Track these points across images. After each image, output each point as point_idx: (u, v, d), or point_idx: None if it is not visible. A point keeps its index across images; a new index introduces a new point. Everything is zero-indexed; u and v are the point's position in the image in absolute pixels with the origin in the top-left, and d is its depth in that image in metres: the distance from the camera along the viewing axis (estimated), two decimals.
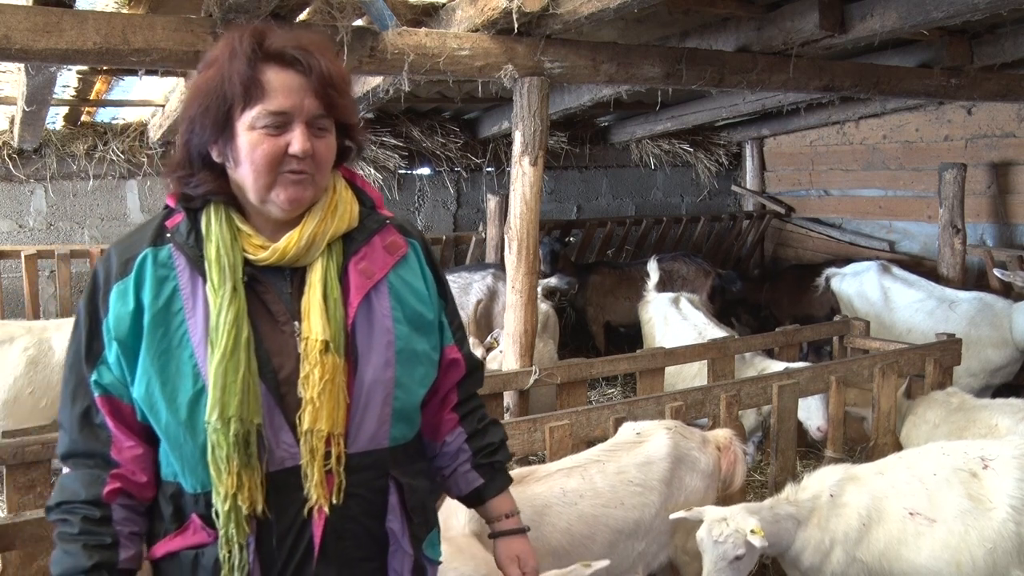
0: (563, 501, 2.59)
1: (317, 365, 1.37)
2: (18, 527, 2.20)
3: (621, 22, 4.48)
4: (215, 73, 1.38)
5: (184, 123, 1.42)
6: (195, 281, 1.38)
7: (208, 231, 1.41)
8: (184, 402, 1.35)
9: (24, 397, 4.18)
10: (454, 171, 7.51)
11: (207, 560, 1.37)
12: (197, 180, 1.42)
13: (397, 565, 1.48)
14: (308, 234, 1.41)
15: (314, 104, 1.38)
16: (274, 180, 1.38)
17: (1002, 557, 2.52)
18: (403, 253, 1.53)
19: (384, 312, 1.46)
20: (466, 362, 1.66)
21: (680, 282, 6.53)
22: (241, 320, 1.35)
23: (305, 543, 1.39)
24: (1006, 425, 3.51)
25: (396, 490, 1.48)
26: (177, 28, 3.12)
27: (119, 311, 1.37)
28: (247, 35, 1.38)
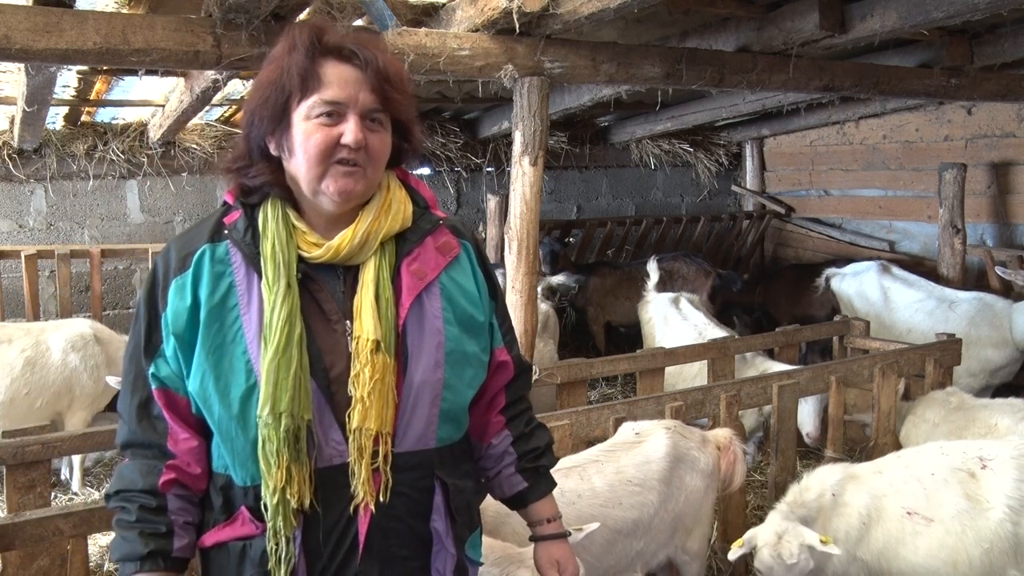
0: (561, 501, 2.57)
1: (368, 364, 1.38)
2: (18, 527, 2.20)
3: (621, 22, 4.47)
4: (275, 67, 1.41)
5: (245, 116, 1.46)
6: (251, 277, 1.41)
7: (265, 228, 1.43)
8: (237, 397, 1.37)
9: (20, 398, 4.19)
10: (454, 171, 7.51)
11: (254, 552, 1.40)
12: (255, 171, 1.45)
13: (440, 565, 1.49)
14: (362, 232, 1.43)
15: (369, 98, 1.41)
16: (325, 170, 1.39)
17: (999, 557, 2.53)
18: (455, 254, 1.55)
19: (435, 313, 1.47)
20: (515, 365, 1.66)
21: (680, 282, 6.53)
22: (294, 317, 1.37)
23: (350, 540, 1.40)
24: (1005, 425, 3.51)
25: (441, 490, 1.49)
26: (177, 28, 3.12)
27: (177, 306, 1.40)
28: (306, 30, 1.42)
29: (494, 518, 2.44)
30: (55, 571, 2.34)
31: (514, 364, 1.66)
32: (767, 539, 2.54)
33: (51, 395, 4.28)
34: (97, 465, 4.91)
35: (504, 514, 2.46)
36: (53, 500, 3.93)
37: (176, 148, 6.21)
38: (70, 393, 4.34)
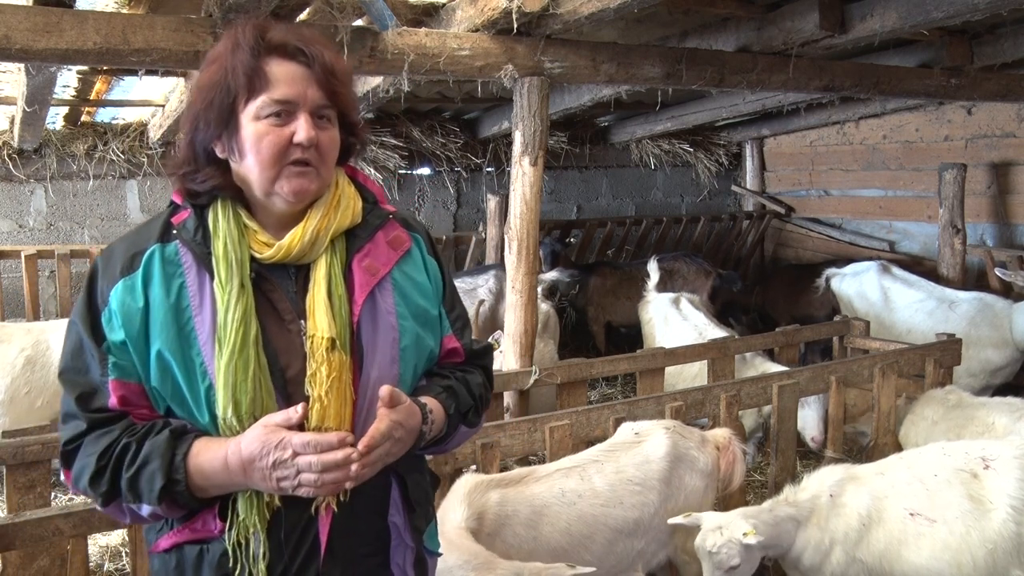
0: (562, 501, 2.59)
1: (324, 363, 1.37)
2: (18, 527, 2.20)
3: (621, 22, 4.48)
4: (218, 68, 1.38)
5: (188, 120, 1.42)
6: (202, 278, 1.39)
7: (215, 227, 1.41)
8: (197, 398, 1.36)
9: (21, 397, 4.19)
10: (454, 171, 7.51)
11: (212, 555, 1.38)
12: (203, 176, 1.42)
13: (399, 559, 1.49)
14: (312, 230, 1.41)
15: (318, 94, 1.39)
16: (279, 172, 1.38)
17: (1002, 557, 2.52)
18: (407, 248, 1.54)
19: (389, 309, 1.46)
20: (465, 351, 1.63)
21: (680, 282, 6.53)
22: (249, 317, 1.36)
23: (311, 540, 1.39)
24: (1003, 424, 3.52)
25: (398, 484, 1.49)
26: (177, 28, 3.12)
27: (129, 306, 1.36)
28: (249, 28, 1.39)
29: (495, 520, 2.44)
30: (55, 571, 2.34)
31: (464, 351, 1.63)
32: (708, 525, 2.57)
33: (51, 394, 4.28)
34: None
35: (505, 516, 2.46)
36: (53, 500, 3.93)
37: (176, 148, 6.20)
38: None
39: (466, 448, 2.89)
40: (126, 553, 3.68)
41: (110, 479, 1.34)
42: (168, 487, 1.31)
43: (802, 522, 2.71)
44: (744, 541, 2.49)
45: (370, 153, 6.66)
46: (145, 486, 1.32)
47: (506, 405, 3.97)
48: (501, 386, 3.80)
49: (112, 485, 1.35)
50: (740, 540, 2.49)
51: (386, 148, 6.72)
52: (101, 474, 1.34)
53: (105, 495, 1.36)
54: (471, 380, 1.60)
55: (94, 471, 1.34)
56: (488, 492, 2.48)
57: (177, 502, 1.35)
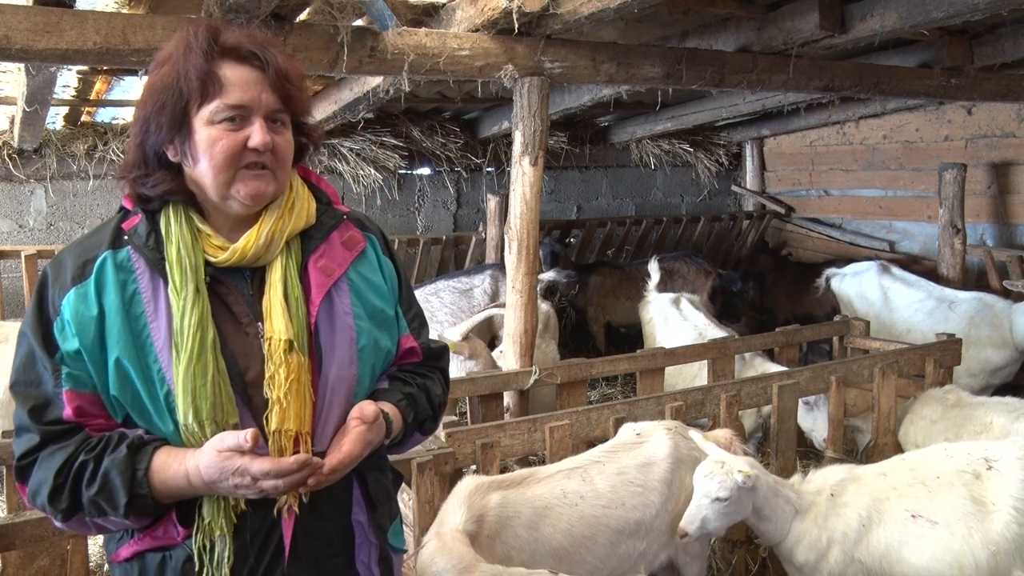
0: (564, 502, 2.59)
1: (282, 365, 1.36)
2: (18, 527, 2.20)
3: (621, 22, 4.47)
4: (169, 70, 1.36)
5: (138, 123, 1.40)
6: (156, 283, 1.37)
7: (168, 232, 1.39)
8: (158, 405, 1.34)
9: None
10: (454, 171, 7.51)
11: (175, 561, 1.37)
12: (154, 180, 1.40)
13: (364, 557, 1.49)
14: (266, 232, 1.41)
15: (272, 98, 1.38)
16: (234, 176, 1.37)
17: (1005, 559, 2.52)
18: (362, 248, 1.53)
19: (346, 309, 1.46)
20: (423, 350, 1.62)
21: (680, 282, 6.53)
22: (206, 322, 1.34)
23: (275, 543, 1.39)
24: (1001, 423, 3.52)
25: (359, 483, 1.49)
26: (177, 28, 3.08)
27: (82, 315, 1.34)
28: (202, 31, 1.37)
29: (495, 522, 2.44)
30: (55, 571, 2.34)
31: (422, 350, 1.62)
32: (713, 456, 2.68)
33: None
34: None
35: (506, 517, 2.46)
36: None
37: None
38: None
39: (466, 448, 2.89)
40: None
41: (70, 496, 1.32)
42: (132, 501, 1.30)
43: (800, 512, 2.73)
44: (736, 478, 2.55)
45: (370, 153, 6.66)
46: (108, 503, 1.31)
47: (506, 405, 3.97)
48: (501, 386, 3.80)
49: (72, 501, 1.33)
50: (736, 476, 2.56)
51: (386, 148, 6.72)
52: (60, 491, 1.32)
53: (65, 511, 1.34)
54: (432, 389, 1.61)
55: (52, 488, 1.32)
56: (489, 494, 2.48)
57: (144, 512, 1.34)
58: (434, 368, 1.65)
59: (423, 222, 7.51)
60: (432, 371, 1.64)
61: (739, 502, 2.61)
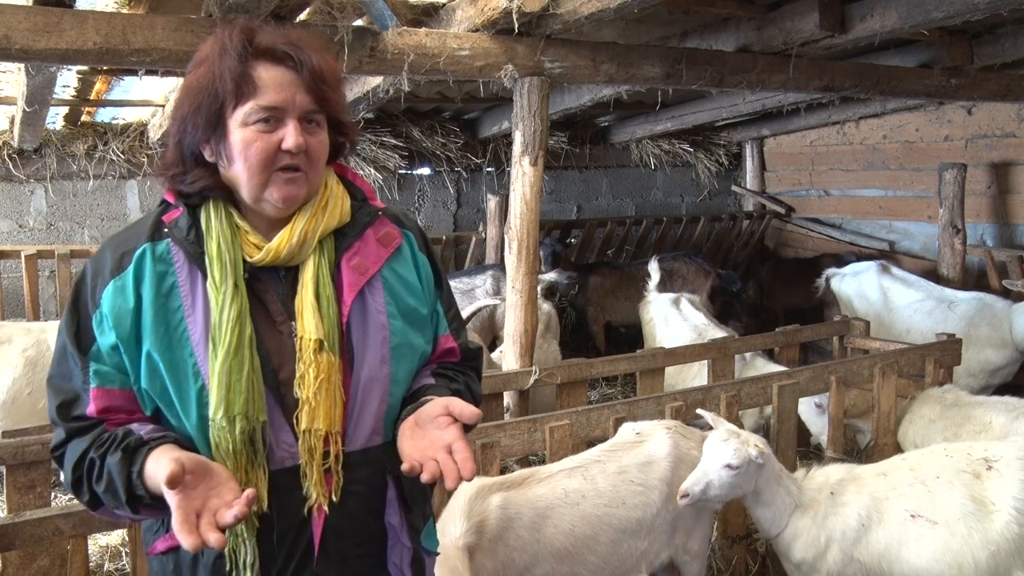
0: (565, 502, 2.59)
1: (312, 364, 1.36)
2: (18, 527, 2.20)
3: (621, 22, 4.48)
4: (206, 71, 1.37)
5: (176, 122, 1.41)
6: (194, 277, 1.37)
7: (208, 227, 1.39)
8: (188, 400, 1.34)
9: (23, 398, 4.19)
10: (454, 171, 7.51)
11: (207, 558, 1.37)
12: (192, 177, 1.41)
13: (396, 559, 1.48)
14: (299, 232, 1.41)
15: (306, 99, 1.38)
16: (268, 178, 1.37)
17: (1005, 559, 2.52)
18: (397, 244, 1.52)
19: (379, 308, 1.45)
20: (462, 351, 1.62)
21: (680, 282, 6.53)
22: (244, 318, 1.35)
23: (305, 542, 1.38)
24: (1000, 423, 3.52)
25: (395, 484, 1.47)
26: (177, 28, 3.12)
27: (119, 307, 1.34)
28: (237, 32, 1.37)
29: (496, 525, 2.43)
30: (55, 571, 2.34)
31: (461, 350, 1.61)
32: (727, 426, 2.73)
33: None
34: None
35: (507, 519, 2.46)
36: (53, 500, 3.93)
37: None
38: None
39: None
40: (126, 553, 3.68)
41: (88, 490, 1.35)
42: (133, 500, 1.31)
43: (800, 507, 2.74)
44: (751, 450, 2.59)
45: (370, 153, 6.66)
46: (115, 500, 1.32)
47: (506, 405, 3.97)
48: (501, 386, 3.80)
49: (91, 495, 1.35)
50: (750, 448, 2.60)
51: (386, 148, 6.72)
52: (79, 484, 1.35)
53: (89, 503, 1.37)
54: (474, 388, 1.60)
55: (72, 480, 1.36)
56: (489, 497, 2.47)
57: (153, 509, 1.34)
58: (471, 368, 1.65)
59: (423, 222, 7.52)
60: (470, 371, 1.64)
61: (746, 474, 2.64)
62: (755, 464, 2.63)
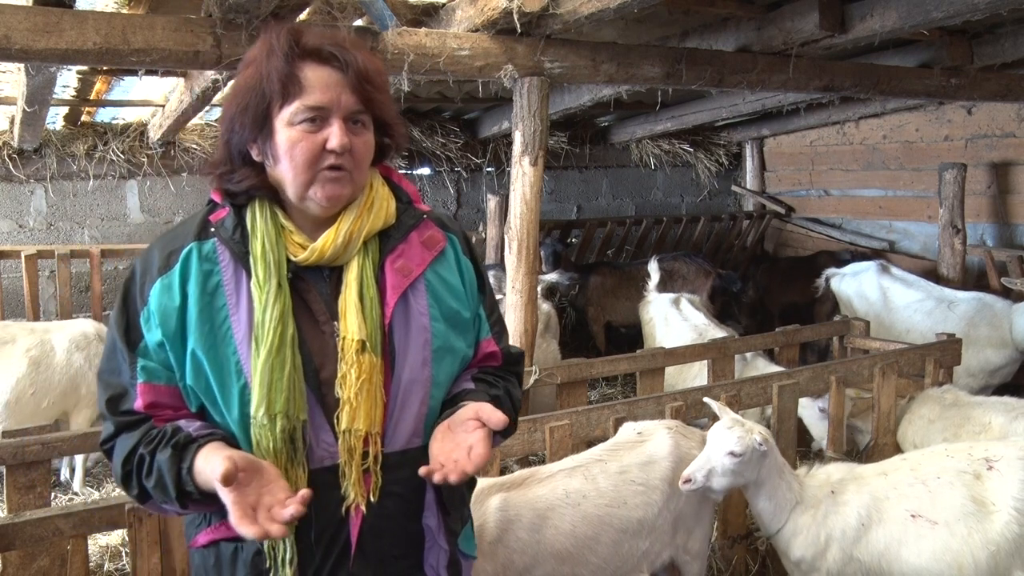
0: (566, 502, 2.58)
1: (354, 365, 1.37)
2: (18, 527, 2.20)
3: (621, 22, 4.47)
4: (253, 72, 1.39)
5: (224, 122, 1.43)
6: (239, 276, 1.39)
7: (253, 227, 1.42)
8: (231, 398, 1.36)
9: (26, 398, 4.19)
10: (454, 171, 7.51)
11: (246, 553, 1.39)
12: (239, 176, 1.43)
13: (433, 561, 1.49)
14: (344, 233, 1.42)
15: (351, 100, 1.39)
16: (313, 177, 1.38)
17: (1005, 560, 2.52)
18: (441, 247, 1.53)
19: (421, 310, 1.46)
20: (503, 355, 1.62)
21: (680, 282, 6.53)
22: (287, 317, 1.36)
23: (342, 542, 1.40)
24: (999, 423, 3.52)
25: (433, 487, 1.47)
26: (177, 28, 3.12)
27: (165, 305, 1.37)
28: (284, 33, 1.39)
29: (496, 527, 2.43)
30: (55, 571, 2.34)
31: (502, 355, 1.62)
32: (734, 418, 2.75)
33: (58, 395, 4.29)
34: (98, 465, 4.91)
35: (507, 521, 2.45)
36: (53, 500, 3.93)
37: (176, 148, 6.21)
38: (76, 392, 4.35)
39: None
40: (126, 553, 3.68)
41: (137, 484, 1.38)
42: (182, 496, 1.34)
43: (800, 503, 2.74)
44: (755, 438, 2.61)
45: None
46: (164, 495, 1.35)
47: None
48: None
49: (140, 488, 1.38)
50: (755, 436, 2.62)
51: None
52: (129, 479, 1.39)
53: (137, 497, 1.40)
54: (514, 393, 1.61)
55: (122, 475, 1.39)
56: (488, 499, 2.46)
57: (201, 504, 1.36)
58: (512, 373, 1.65)
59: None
60: (511, 376, 1.64)
61: (749, 463, 2.65)
62: (758, 452, 2.64)
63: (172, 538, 2.37)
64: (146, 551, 2.33)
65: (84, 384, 4.36)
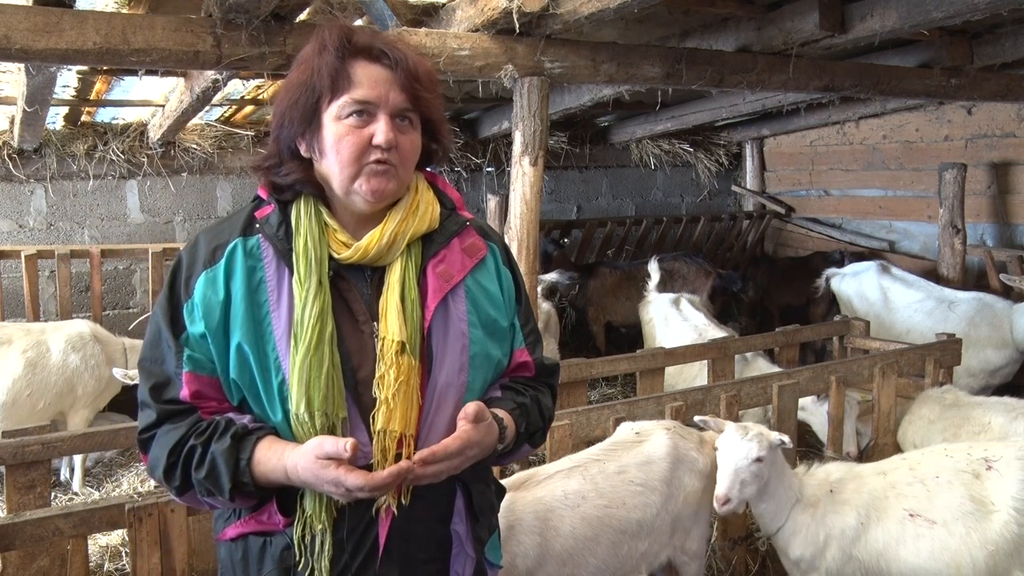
0: (565, 504, 2.58)
1: (393, 366, 1.37)
2: (18, 527, 2.20)
3: (621, 22, 4.48)
4: (305, 68, 1.41)
5: (275, 118, 1.45)
6: (281, 273, 1.40)
7: (298, 224, 1.42)
8: (272, 393, 1.37)
9: (23, 399, 4.19)
10: (454, 171, 7.51)
11: (275, 548, 1.40)
12: (286, 169, 1.44)
13: (459, 568, 1.49)
14: (389, 233, 1.43)
15: (399, 97, 1.40)
16: (359, 171, 1.39)
17: (1003, 560, 2.52)
18: (482, 256, 1.54)
19: (460, 316, 1.47)
20: (536, 366, 1.62)
21: (680, 282, 6.53)
22: (326, 315, 1.37)
23: (370, 542, 1.40)
24: (999, 423, 3.53)
25: (463, 493, 1.49)
26: (177, 28, 3.12)
27: (209, 299, 1.38)
28: (335, 31, 1.41)
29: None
30: (55, 571, 2.34)
31: (535, 366, 1.62)
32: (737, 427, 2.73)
33: (54, 395, 4.29)
34: (97, 465, 4.91)
35: (508, 527, 2.43)
36: (53, 500, 3.93)
37: (176, 148, 6.21)
38: (72, 393, 4.35)
39: None
40: (126, 553, 3.68)
41: (181, 475, 1.38)
42: (236, 488, 1.35)
43: (800, 502, 2.74)
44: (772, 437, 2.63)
45: None
46: (214, 486, 1.35)
47: None
48: None
49: (184, 480, 1.38)
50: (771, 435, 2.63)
51: None
52: (172, 470, 1.38)
53: (178, 488, 1.40)
54: (543, 402, 1.61)
55: (166, 466, 1.38)
56: None
57: (249, 496, 1.38)
58: (545, 384, 1.65)
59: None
60: (543, 386, 1.64)
61: (769, 462, 2.66)
62: (773, 452, 2.66)
63: (172, 538, 2.37)
64: (146, 551, 2.33)
65: (80, 385, 4.36)
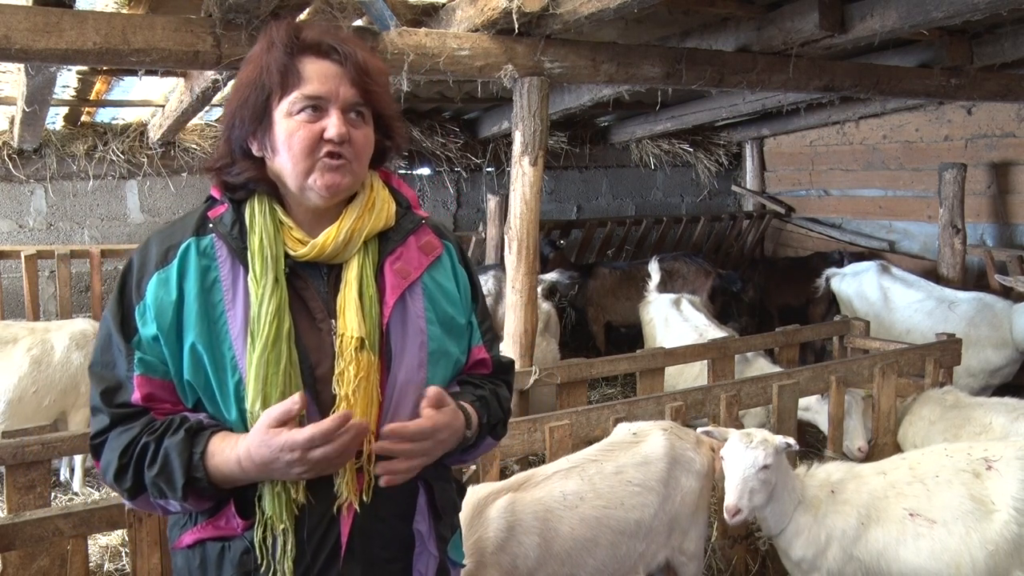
0: (564, 505, 2.58)
1: (352, 362, 1.37)
2: (18, 527, 2.20)
3: (621, 22, 4.48)
4: (254, 67, 1.41)
5: (226, 118, 1.44)
6: (236, 272, 1.39)
7: (252, 222, 1.42)
8: (228, 393, 1.36)
9: (28, 397, 4.21)
10: (454, 171, 7.51)
11: (233, 553, 1.38)
12: (238, 168, 1.43)
13: (422, 567, 1.48)
14: (346, 230, 1.42)
15: (350, 92, 1.40)
16: (312, 166, 1.38)
17: (1004, 559, 2.52)
18: (438, 254, 1.54)
19: (418, 313, 1.47)
20: (493, 363, 1.63)
21: (680, 282, 6.53)
22: (283, 312, 1.36)
23: (332, 541, 1.39)
24: (1000, 424, 3.53)
25: (425, 491, 1.48)
26: (177, 28, 3.12)
27: (162, 300, 1.37)
28: (283, 28, 1.41)
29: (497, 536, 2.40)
30: (55, 571, 2.34)
31: (492, 363, 1.63)
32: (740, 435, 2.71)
33: (58, 393, 4.32)
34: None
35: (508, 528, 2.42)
36: (53, 500, 3.93)
37: (176, 148, 6.21)
38: (76, 390, 4.38)
39: None
40: (126, 553, 3.68)
41: (133, 476, 1.35)
42: (189, 484, 1.32)
43: (802, 503, 2.74)
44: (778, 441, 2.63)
45: None
46: (167, 484, 1.33)
47: None
48: None
49: (136, 481, 1.36)
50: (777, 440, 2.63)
51: None
52: (124, 471, 1.36)
53: (131, 490, 1.37)
54: (500, 394, 1.62)
55: (117, 468, 1.36)
56: (486, 509, 2.45)
57: (203, 495, 1.35)
58: (501, 381, 1.66)
59: None
60: (500, 382, 1.65)
61: (776, 468, 2.66)
62: (782, 454, 2.66)
63: None
64: (146, 551, 2.33)
65: (84, 383, 4.38)
